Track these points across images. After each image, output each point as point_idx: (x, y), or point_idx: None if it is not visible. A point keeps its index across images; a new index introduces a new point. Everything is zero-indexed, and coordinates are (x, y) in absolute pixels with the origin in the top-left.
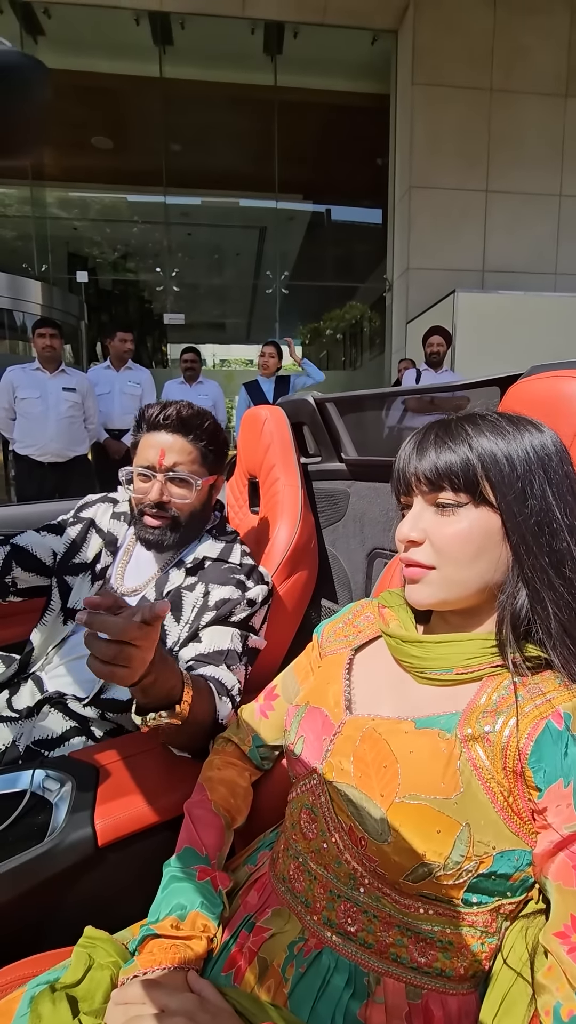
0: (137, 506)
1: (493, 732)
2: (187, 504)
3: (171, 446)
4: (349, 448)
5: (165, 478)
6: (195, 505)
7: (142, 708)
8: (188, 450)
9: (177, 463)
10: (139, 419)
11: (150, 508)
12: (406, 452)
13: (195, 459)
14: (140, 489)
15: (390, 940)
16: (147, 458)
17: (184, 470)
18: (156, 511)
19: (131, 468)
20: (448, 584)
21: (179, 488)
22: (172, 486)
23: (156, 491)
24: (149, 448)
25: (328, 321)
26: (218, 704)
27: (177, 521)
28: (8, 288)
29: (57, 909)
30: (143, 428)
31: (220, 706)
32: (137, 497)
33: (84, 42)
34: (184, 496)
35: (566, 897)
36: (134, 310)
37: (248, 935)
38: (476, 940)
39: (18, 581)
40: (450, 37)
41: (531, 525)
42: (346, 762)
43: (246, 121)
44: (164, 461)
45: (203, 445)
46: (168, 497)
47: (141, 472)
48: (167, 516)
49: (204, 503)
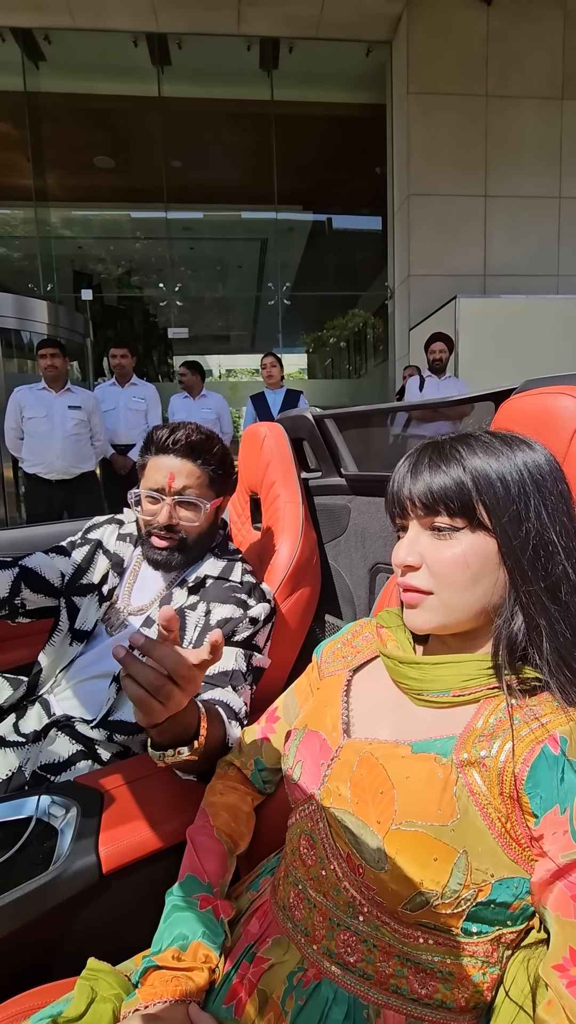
0: (145, 527)
1: (489, 757)
2: (195, 527)
3: (180, 470)
4: (349, 463)
5: (174, 501)
6: (202, 527)
7: (158, 745)
8: (197, 474)
9: (186, 487)
10: (147, 441)
11: (158, 530)
12: (400, 475)
13: (203, 483)
14: (149, 511)
15: (390, 971)
16: (156, 481)
17: (193, 494)
18: (164, 532)
19: (139, 490)
20: (446, 609)
21: (187, 511)
22: (181, 509)
23: (165, 514)
24: (158, 471)
25: (331, 329)
26: (228, 729)
27: (184, 543)
28: (15, 309)
29: (61, 939)
30: (152, 451)
31: (230, 730)
32: (146, 519)
33: (84, 65)
34: (192, 519)
35: (565, 928)
36: (139, 325)
37: (249, 966)
38: (477, 971)
39: (27, 602)
40: (444, 46)
41: (526, 549)
42: (343, 787)
43: (244, 135)
44: (174, 484)
45: (212, 469)
46: (177, 520)
47: (149, 495)
48: (175, 538)
49: (211, 525)
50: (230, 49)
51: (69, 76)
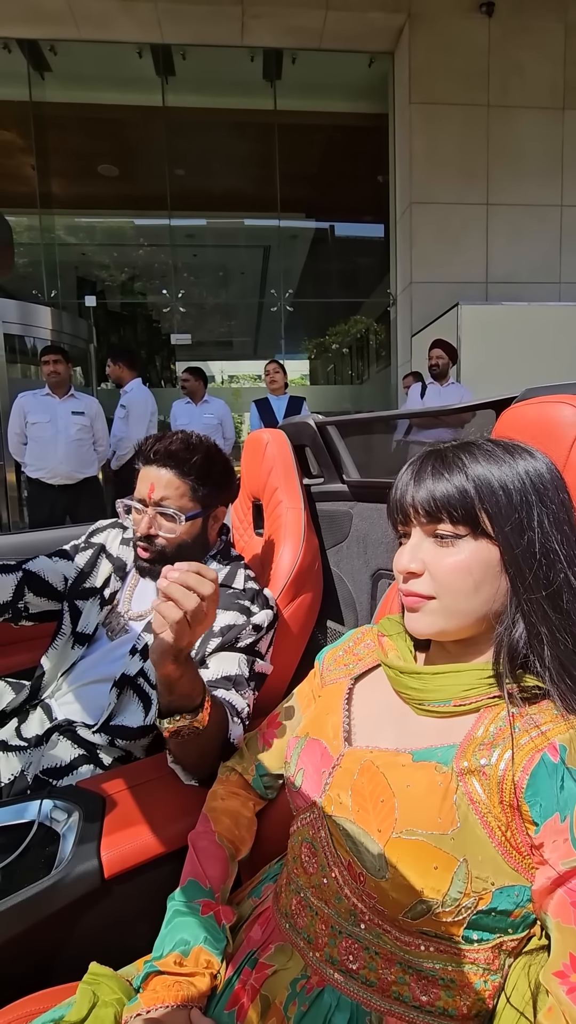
0: (133, 537)
1: (489, 765)
2: (173, 538)
3: (159, 480)
4: (351, 469)
5: (154, 511)
6: (183, 539)
7: (164, 711)
8: (176, 484)
9: (164, 497)
10: (137, 450)
11: (140, 540)
12: (402, 482)
13: (183, 493)
14: (134, 521)
15: (392, 978)
16: (139, 491)
17: (171, 504)
18: (144, 543)
19: (126, 500)
20: (448, 614)
21: (167, 522)
22: (161, 519)
23: (144, 524)
24: (142, 481)
25: (333, 336)
26: (230, 724)
27: (164, 553)
28: (19, 315)
29: (63, 944)
30: (140, 460)
31: (232, 727)
32: (133, 529)
33: (89, 76)
34: (171, 530)
35: (565, 935)
36: (142, 331)
37: (251, 972)
38: (479, 978)
39: (30, 606)
40: (445, 56)
41: (528, 557)
42: (344, 795)
43: (248, 144)
44: (152, 495)
45: (192, 479)
46: (156, 530)
47: (134, 505)
48: (154, 549)
49: (196, 535)
50: (233, 60)
51: (74, 86)
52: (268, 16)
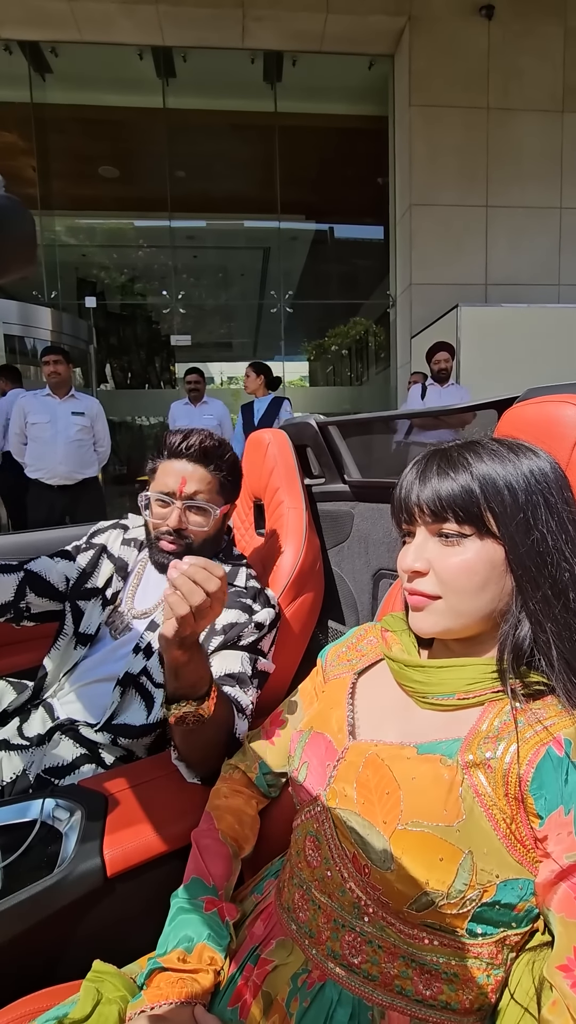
0: (154, 531)
1: (494, 758)
2: (203, 532)
3: (191, 475)
4: (352, 470)
5: (184, 505)
6: (210, 533)
7: (170, 697)
8: (208, 479)
9: (197, 492)
10: (160, 446)
11: (167, 534)
12: (407, 481)
13: (214, 488)
14: (159, 515)
15: (395, 972)
16: (167, 485)
17: (203, 499)
18: (173, 537)
19: (150, 493)
20: (453, 613)
21: (197, 516)
22: (191, 514)
23: (175, 518)
24: (169, 475)
25: (333, 337)
26: (236, 719)
27: (191, 548)
28: (20, 316)
29: (66, 942)
30: (164, 455)
31: (238, 722)
32: (155, 522)
33: (90, 78)
34: (201, 524)
35: (569, 929)
36: (142, 332)
37: (253, 968)
38: (482, 972)
39: (32, 606)
40: (446, 59)
41: (533, 556)
42: (349, 788)
43: (248, 146)
44: (185, 489)
45: (223, 475)
46: (186, 524)
47: (159, 498)
48: (183, 542)
49: (218, 531)
50: (234, 62)
51: (75, 88)
52: (269, 19)
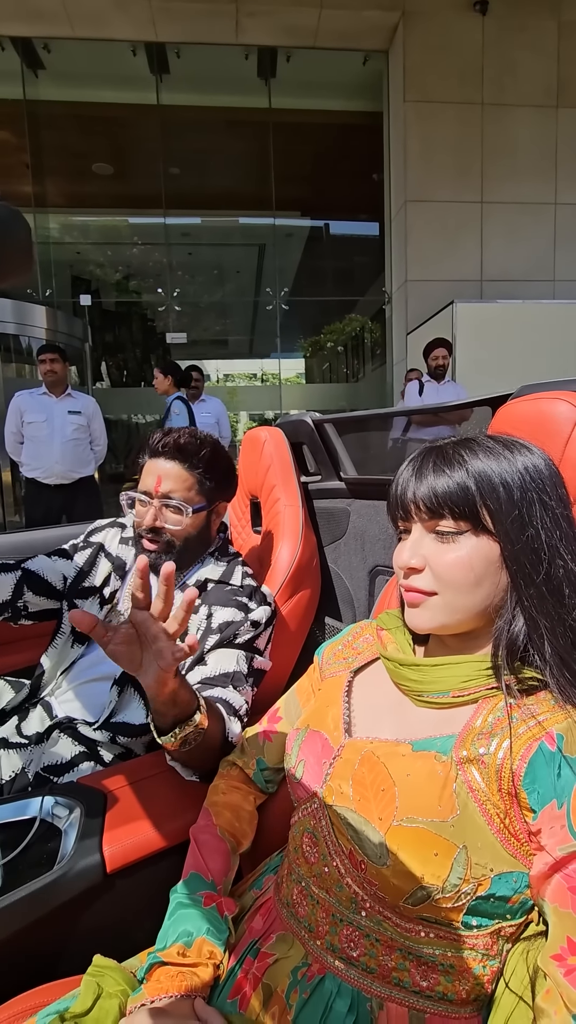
0: (136, 529)
1: (488, 754)
2: (180, 530)
3: (167, 473)
4: (348, 467)
5: (160, 504)
6: (189, 531)
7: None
8: (184, 477)
9: (172, 490)
10: (143, 445)
11: (146, 532)
12: (403, 478)
13: (191, 486)
14: (139, 513)
15: (392, 964)
16: (145, 484)
17: (178, 497)
18: (151, 535)
19: (133, 493)
20: (449, 609)
21: (173, 514)
22: (167, 512)
23: (150, 516)
24: (148, 474)
25: (329, 334)
26: (228, 723)
27: (171, 545)
28: (14, 314)
29: (66, 937)
30: (147, 453)
31: (230, 725)
32: (136, 521)
33: (83, 74)
34: (177, 522)
35: (563, 919)
36: (137, 330)
37: (253, 961)
38: (477, 963)
39: (29, 605)
40: (440, 55)
41: (528, 552)
42: (345, 785)
43: (242, 143)
44: (160, 488)
45: (200, 472)
46: (162, 523)
47: (139, 497)
48: (160, 541)
49: (201, 529)
50: (228, 58)
51: (68, 84)
52: (263, 14)
